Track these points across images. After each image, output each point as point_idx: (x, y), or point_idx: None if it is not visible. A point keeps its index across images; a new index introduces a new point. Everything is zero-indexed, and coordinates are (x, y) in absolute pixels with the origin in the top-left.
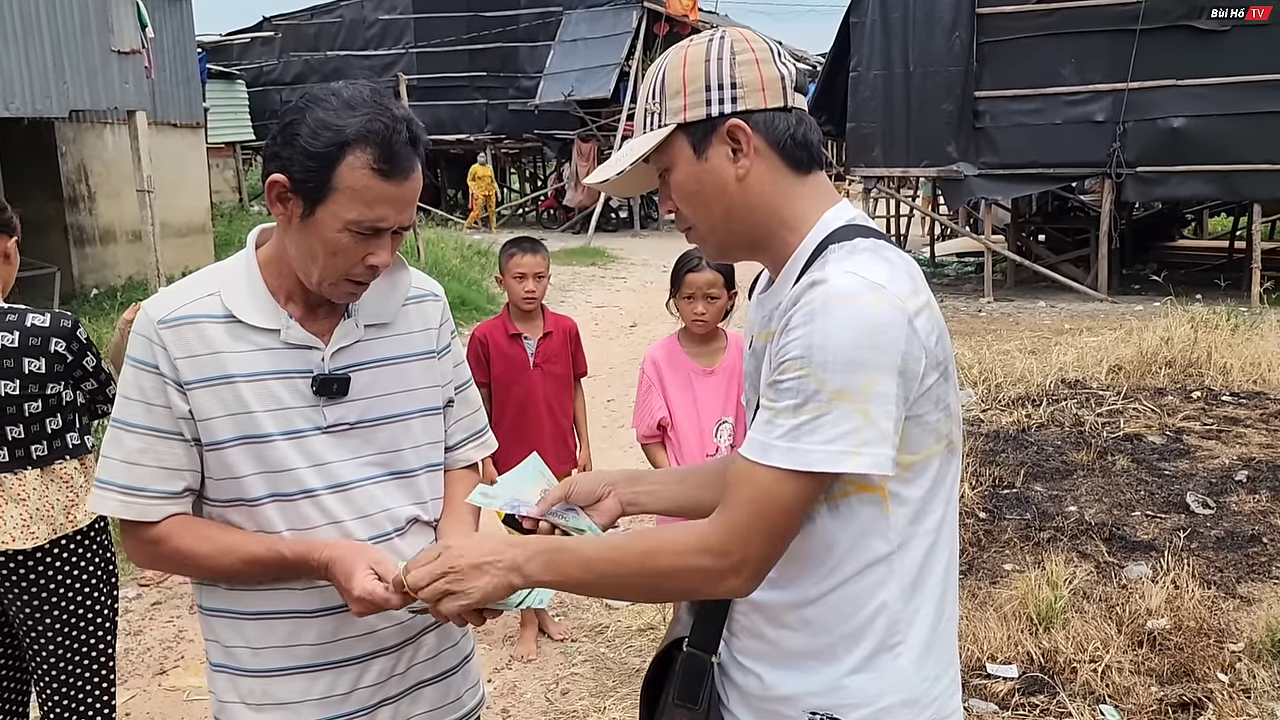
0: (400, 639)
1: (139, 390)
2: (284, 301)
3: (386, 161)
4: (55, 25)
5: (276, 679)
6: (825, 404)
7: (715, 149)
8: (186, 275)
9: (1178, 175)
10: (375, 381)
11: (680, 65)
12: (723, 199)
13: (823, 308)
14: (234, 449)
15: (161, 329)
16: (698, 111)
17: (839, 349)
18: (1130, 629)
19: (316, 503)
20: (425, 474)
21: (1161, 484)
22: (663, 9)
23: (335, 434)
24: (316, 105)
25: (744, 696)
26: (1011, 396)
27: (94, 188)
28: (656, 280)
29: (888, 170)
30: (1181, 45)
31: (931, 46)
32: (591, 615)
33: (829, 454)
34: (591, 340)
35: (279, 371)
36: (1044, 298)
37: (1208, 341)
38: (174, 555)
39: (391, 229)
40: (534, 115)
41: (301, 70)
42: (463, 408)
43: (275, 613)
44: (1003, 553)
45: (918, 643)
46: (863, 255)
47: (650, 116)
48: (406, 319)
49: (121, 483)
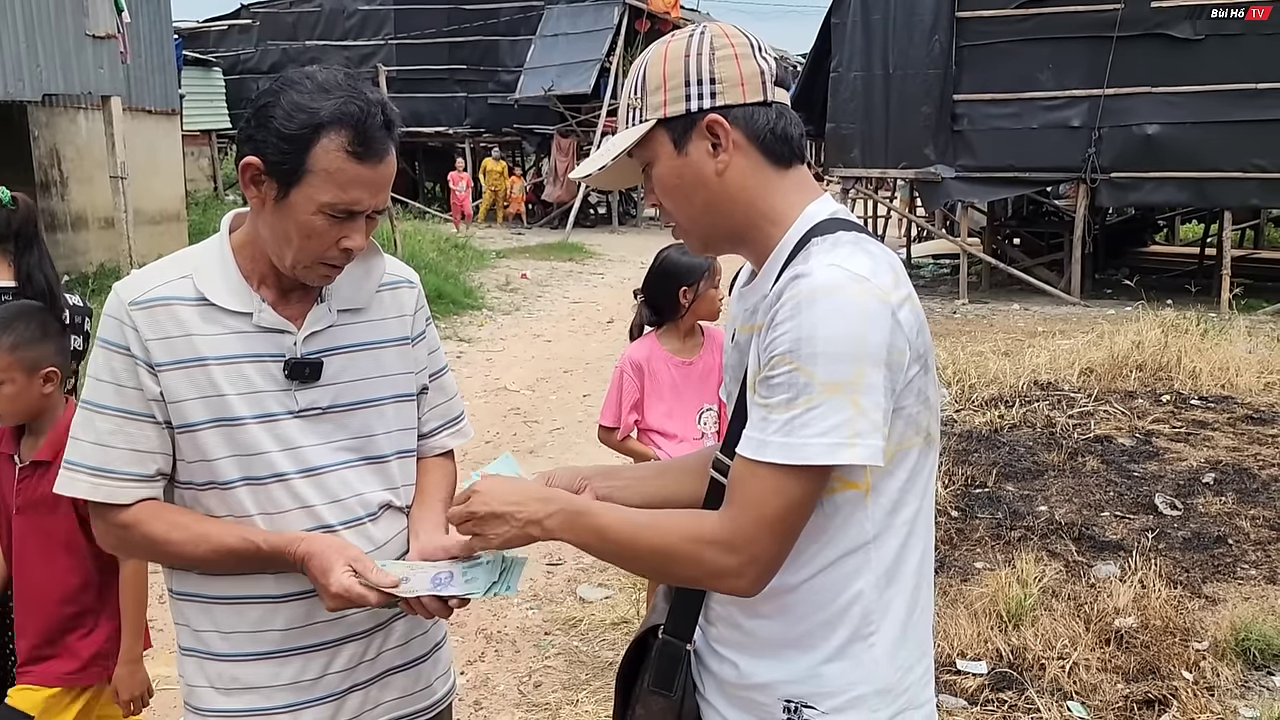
0: (370, 625)
1: (110, 372)
2: (257, 285)
3: (361, 144)
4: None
5: (245, 663)
6: (816, 396)
7: (695, 144)
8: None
9: (1151, 181)
10: (348, 367)
11: (661, 61)
12: (703, 193)
13: (808, 301)
14: (206, 431)
15: (133, 310)
16: (677, 107)
17: (827, 341)
18: (1098, 627)
19: (287, 486)
20: (397, 460)
21: (1130, 485)
22: (644, 6)
23: (307, 418)
24: (291, 88)
25: (720, 684)
26: (985, 397)
27: (66, 173)
28: (634, 277)
29: (866, 171)
30: (1157, 53)
31: (911, 49)
32: (565, 609)
33: (824, 446)
34: (568, 335)
35: (251, 355)
36: (1018, 300)
37: (1178, 346)
38: (144, 541)
39: (365, 212)
40: (514, 109)
41: (279, 59)
42: (438, 395)
43: (245, 598)
44: (974, 551)
45: (891, 633)
46: (845, 248)
47: (632, 111)
48: (381, 305)
49: (91, 464)
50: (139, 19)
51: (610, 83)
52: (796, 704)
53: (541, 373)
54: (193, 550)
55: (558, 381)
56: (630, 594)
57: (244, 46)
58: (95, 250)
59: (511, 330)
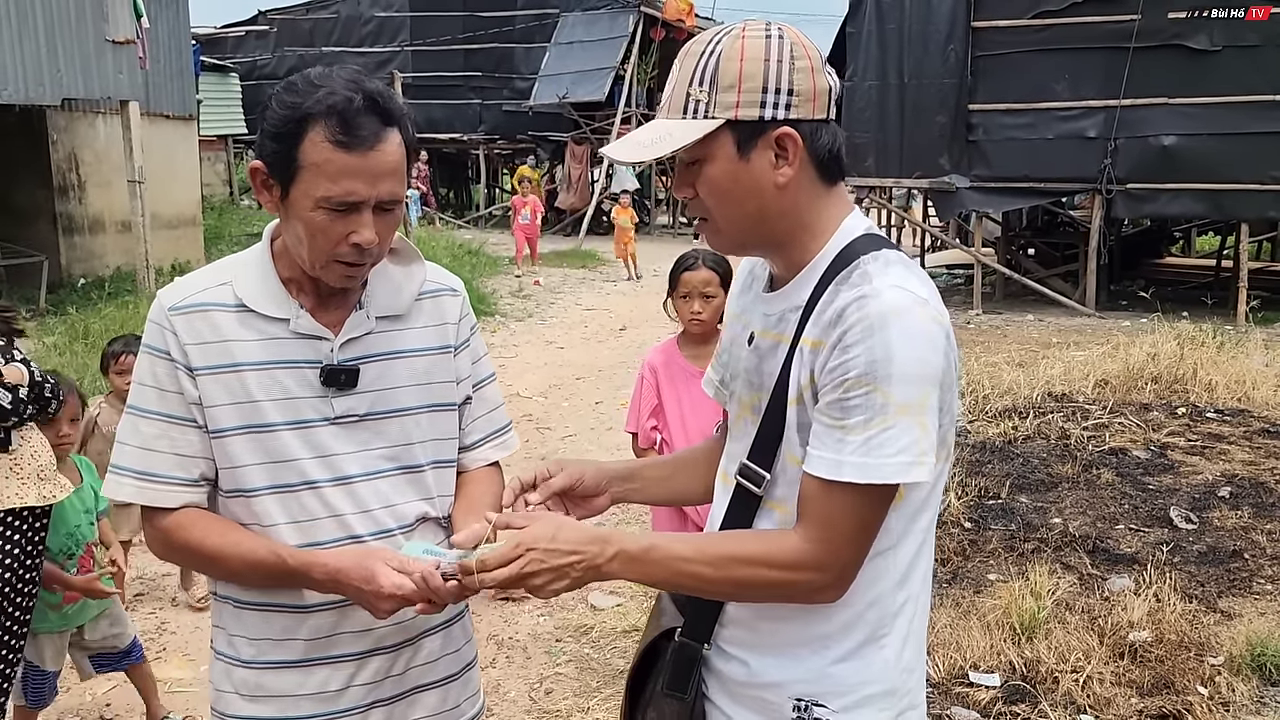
0: (398, 639)
1: (153, 376)
2: (296, 292)
3: (344, 132)
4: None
5: (270, 671)
6: (891, 417)
7: (759, 151)
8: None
9: (1167, 193)
10: (385, 374)
11: (737, 58)
12: (756, 201)
13: (881, 324)
14: (235, 438)
15: (173, 315)
16: (750, 111)
17: (902, 363)
18: (1112, 640)
19: (319, 494)
20: (432, 470)
21: (1145, 498)
22: (659, 14)
23: (343, 425)
24: (285, 89)
25: (726, 684)
26: (998, 408)
27: (84, 177)
28: (647, 284)
29: (880, 180)
30: (1174, 64)
31: (926, 59)
32: (576, 616)
33: (899, 465)
34: (581, 343)
35: (287, 361)
36: (1032, 311)
37: (1193, 358)
38: (183, 547)
39: (368, 203)
40: (528, 116)
41: (295, 65)
42: (481, 405)
43: (273, 605)
44: (987, 562)
45: (900, 635)
46: (898, 268)
47: (695, 104)
48: (420, 313)
49: (137, 469)
50: (158, 25)
51: (624, 90)
52: (807, 702)
53: (554, 380)
54: (224, 559)
55: (570, 388)
56: (641, 602)
57: (261, 52)
58: (112, 254)
59: (524, 337)
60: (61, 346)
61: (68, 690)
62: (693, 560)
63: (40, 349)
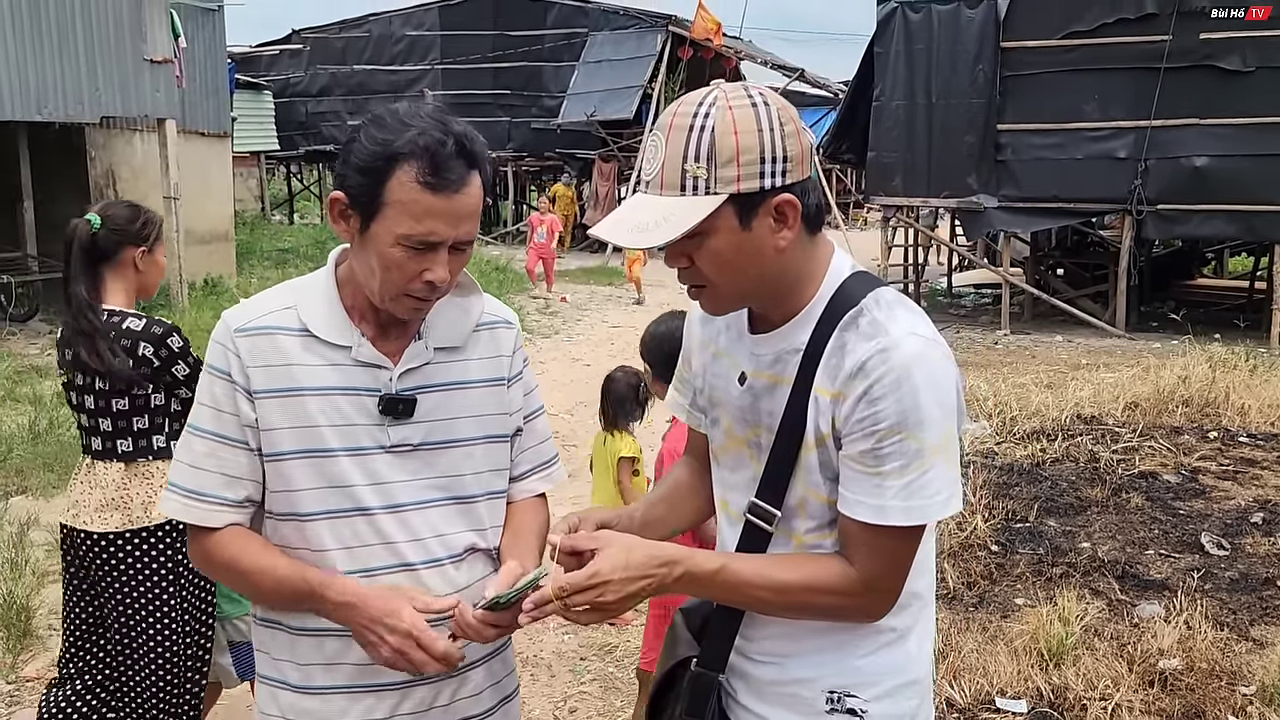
0: (441, 670)
1: (210, 396)
2: (358, 320)
3: (433, 174)
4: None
5: (317, 696)
6: (926, 460)
7: (760, 220)
8: (208, 281)
9: (1199, 214)
10: (442, 405)
11: (732, 131)
12: (758, 266)
13: (905, 375)
14: (294, 461)
15: (238, 337)
16: (751, 184)
17: (930, 408)
18: (1141, 668)
19: (371, 521)
20: (485, 501)
21: (1176, 523)
22: (687, 33)
23: (398, 454)
24: (373, 123)
25: (755, 685)
26: (1026, 430)
27: (121, 193)
28: (672, 301)
29: (908, 200)
30: (1205, 84)
31: (955, 78)
32: (601, 634)
33: (940, 503)
34: (609, 360)
35: (347, 388)
36: (1061, 332)
37: (1226, 381)
38: (224, 565)
39: (445, 244)
40: (556, 134)
41: (327, 83)
42: (530, 437)
43: (322, 630)
44: (1014, 587)
45: (920, 629)
46: (900, 311)
47: (693, 180)
48: (477, 344)
49: (186, 486)
50: (195, 44)
51: (652, 108)
52: (839, 694)
53: (580, 397)
54: (259, 578)
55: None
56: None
57: (294, 70)
58: None
59: (550, 354)
60: None
61: None
62: (756, 585)
63: None
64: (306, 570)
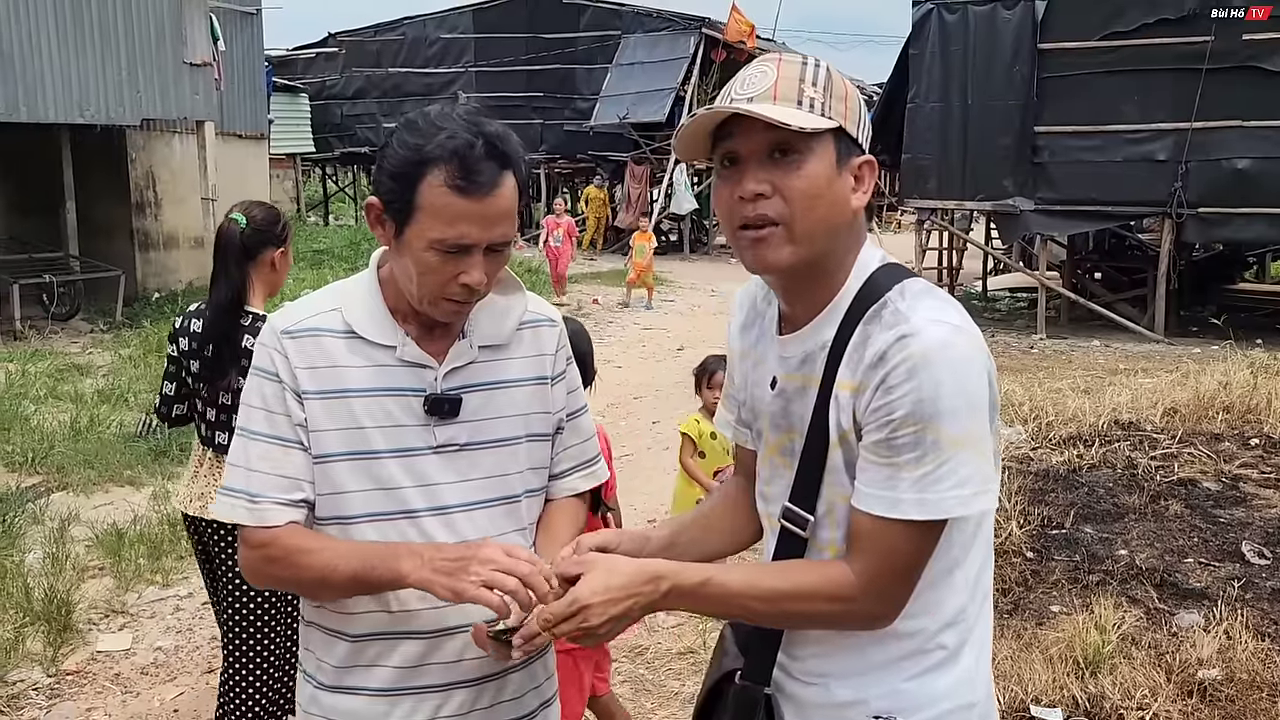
0: (481, 673)
1: (261, 398)
2: (402, 321)
3: (463, 178)
4: (131, 36)
5: (359, 697)
6: (945, 451)
7: (846, 170)
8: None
9: (1241, 217)
10: (487, 404)
11: (842, 78)
12: (834, 215)
13: (924, 362)
14: (341, 463)
15: (285, 339)
16: (853, 129)
17: (950, 398)
18: (1180, 678)
19: (416, 523)
20: (526, 499)
21: (1216, 531)
22: (720, 36)
23: (444, 454)
24: (406, 127)
25: (803, 708)
26: (1062, 435)
27: (160, 194)
28: (704, 304)
29: (942, 202)
30: (1247, 86)
31: (991, 80)
32: (632, 637)
33: (961, 498)
34: (639, 363)
35: (393, 389)
36: (1099, 337)
37: (1268, 388)
38: (284, 558)
39: (479, 247)
40: (589, 136)
41: (362, 86)
42: (572, 436)
43: (365, 635)
44: (1050, 594)
45: (974, 649)
46: (926, 299)
47: (810, 100)
48: (521, 343)
49: (245, 489)
50: (233, 47)
51: (685, 111)
52: (886, 718)
53: (611, 399)
54: (319, 557)
55: (627, 408)
56: (697, 624)
57: (330, 73)
58: (185, 269)
59: None
60: (136, 358)
61: (137, 695)
62: (745, 595)
63: (116, 361)
64: (372, 544)
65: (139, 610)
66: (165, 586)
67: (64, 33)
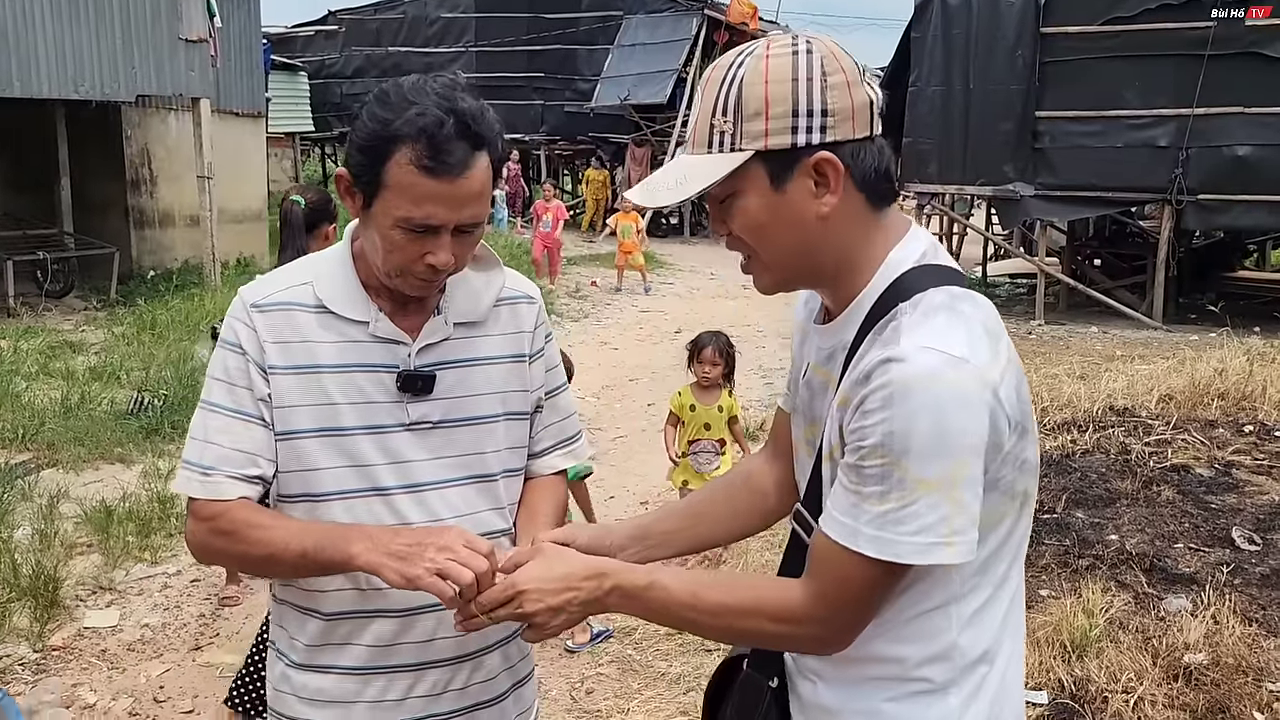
0: (455, 654)
1: (224, 370)
2: (375, 296)
3: (431, 158)
4: (126, 11)
5: (330, 676)
6: (911, 492)
7: (796, 182)
8: (241, 261)
9: (1241, 204)
10: (462, 381)
11: (761, 81)
12: (798, 234)
13: (902, 393)
14: (311, 440)
15: (254, 312)
16: (781, 139)
17: (924, 437)
18: (1166, 662)
19: (388, 501)
20: (504, 479)
21: (1207, 517)
22: (723, 17)
23: (417, 432)
24: (377, 99)
25: (800, 702)
26: (1057, 421)
27: (156, 172)
28: (704, 287)
29: (943, 187)
30: (1250, 72)
31: (993, 64)
32: (620, 617)
33: (918, 546)
34: (635, 345)
35: (365, 365)
36: (1096, 323)
37: (1264, 375)
38: (232, 532)
39: (446, 227)
40: (589, 118)
41: (362, 64)
42: (552, 414)
43: (337, 613)
44: (1039, 578)
45: (971, 687)
46: (938, 319)
47: (719, 135)
48: (498, 320)
49: (199, 462)
50: (230, 24)
51: (686, 93)
52: None
53: (608, 380)
54: (274, 535)
55: (623, 389)
56: None
57: (329, 52)
58: (180, 247)
59: (579, 337)
60: (130, 336)
61: (123, 672)
62: (689, 606)
63: (109, 338)
64: (328, 524)
65: (127, 587)
66: (153, 564)
67: (58, 7)
